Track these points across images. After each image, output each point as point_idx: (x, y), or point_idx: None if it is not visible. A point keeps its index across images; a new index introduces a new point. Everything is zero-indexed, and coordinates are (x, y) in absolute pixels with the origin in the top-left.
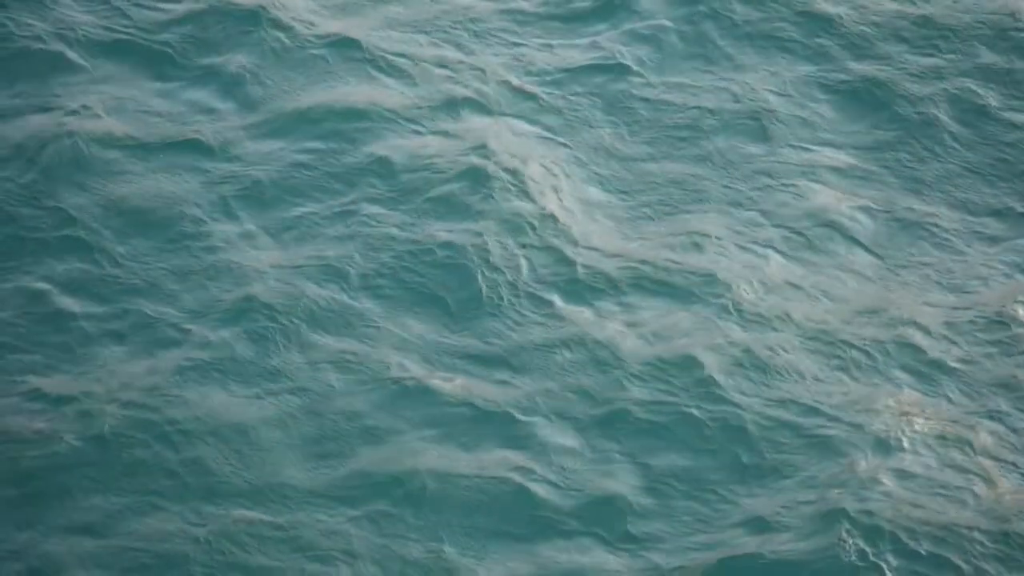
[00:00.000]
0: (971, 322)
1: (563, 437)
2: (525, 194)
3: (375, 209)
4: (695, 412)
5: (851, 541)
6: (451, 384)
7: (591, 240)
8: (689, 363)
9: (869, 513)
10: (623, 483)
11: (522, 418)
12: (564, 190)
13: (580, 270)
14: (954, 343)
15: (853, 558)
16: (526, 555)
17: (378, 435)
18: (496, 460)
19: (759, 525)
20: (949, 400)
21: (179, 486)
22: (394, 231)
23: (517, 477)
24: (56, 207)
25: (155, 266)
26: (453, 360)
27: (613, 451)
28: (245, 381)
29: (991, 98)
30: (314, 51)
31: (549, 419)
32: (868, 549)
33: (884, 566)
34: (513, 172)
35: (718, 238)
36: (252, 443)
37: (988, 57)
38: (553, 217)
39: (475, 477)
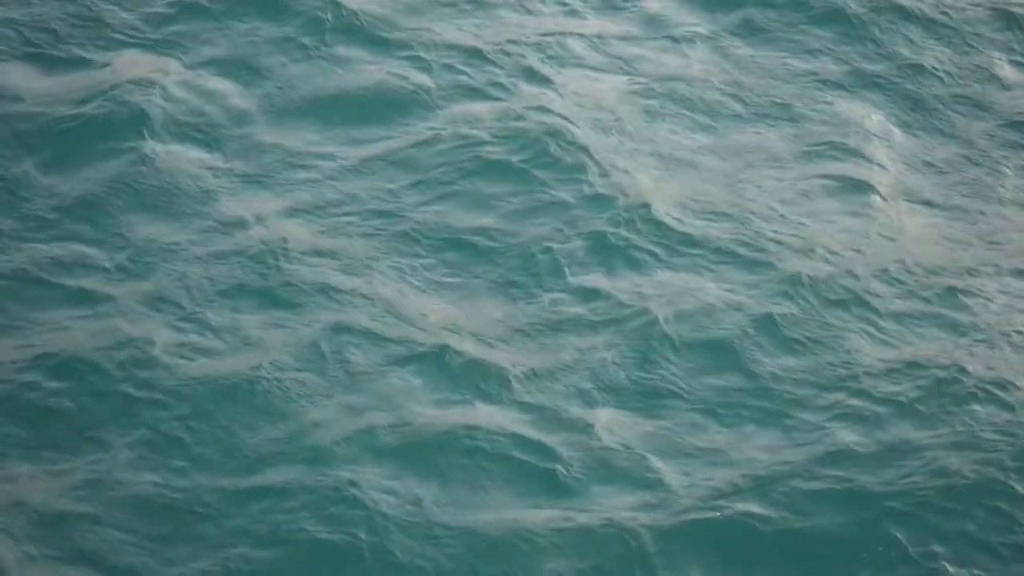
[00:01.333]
0: (998, 292)
1: (585, 408)
2: (550, 177)
3: (396, 194)
4: (724, 384)
5: (886, 515)
6: (476, 358)
7: (621, 219)
8: (717, 337)
9: (903, 491)
10: (642, 454)
11: (546, 390)
12: (591, 171)
13: (610, 249)
14: (977, 316)
15: (889, 531)
16: (543, 518)
17: (398, 408)
18: (518, 431)
19: (786, 498)
20: (984, 365)
21: (194, 468)
22: (415, 215)
23: (538, 448)
24: (68, 196)
25: (172, 250)
26: (479, 336)
27: (637, 422)
28: (263, 361)
29: (1001, 97)
30: (329, 39)
31: (573, 391)
32: (903, 522)
33: (921, 541)
34: (537, 156)
35: (748, 214)
36: (271, 418)
37: (998, 57)
38: (580, 198)
39: (497, 449)
